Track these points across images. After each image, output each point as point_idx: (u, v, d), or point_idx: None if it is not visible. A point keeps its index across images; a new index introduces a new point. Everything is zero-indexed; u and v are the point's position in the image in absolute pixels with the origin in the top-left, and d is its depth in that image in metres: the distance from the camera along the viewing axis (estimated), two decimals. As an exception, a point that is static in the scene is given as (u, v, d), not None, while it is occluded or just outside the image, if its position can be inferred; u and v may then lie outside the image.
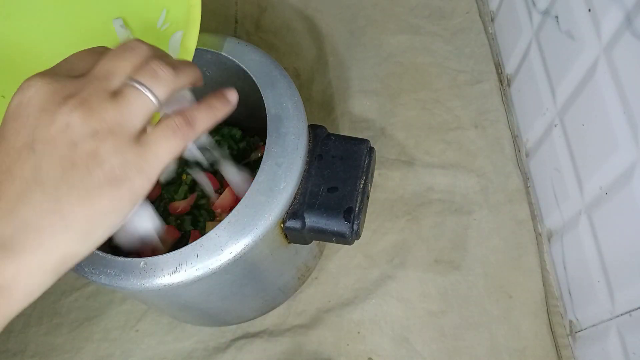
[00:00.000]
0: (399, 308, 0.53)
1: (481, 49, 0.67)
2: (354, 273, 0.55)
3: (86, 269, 0.39)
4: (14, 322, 0.55)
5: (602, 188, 0.44)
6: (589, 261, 0.46)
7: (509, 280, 0.54)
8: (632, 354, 0.41)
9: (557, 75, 0.50)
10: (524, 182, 0.59)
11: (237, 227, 0.38)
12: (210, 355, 0.52)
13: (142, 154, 0.28)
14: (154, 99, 0.28)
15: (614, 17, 0.40)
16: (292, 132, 0.42)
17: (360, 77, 0.66)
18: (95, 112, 0.26)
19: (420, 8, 0.70)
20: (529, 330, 0.52)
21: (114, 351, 0.54)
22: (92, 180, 0.26)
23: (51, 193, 0.26)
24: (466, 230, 0.57)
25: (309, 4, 0.72)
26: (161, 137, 0.28)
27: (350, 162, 0.43)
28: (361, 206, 0.42)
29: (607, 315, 0.44)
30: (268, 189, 0.40)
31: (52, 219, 0.26)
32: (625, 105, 0.39)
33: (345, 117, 0.64)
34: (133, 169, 0.27)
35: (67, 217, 0.26)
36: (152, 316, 0.55)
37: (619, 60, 0.40)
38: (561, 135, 0.50)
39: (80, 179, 0.26)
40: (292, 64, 0.68)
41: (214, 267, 0.38)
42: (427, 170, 0.60)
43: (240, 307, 0.50)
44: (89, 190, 0.26)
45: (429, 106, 0.64)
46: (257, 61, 0.45)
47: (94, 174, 0.26)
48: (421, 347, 0.52)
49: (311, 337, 0.52)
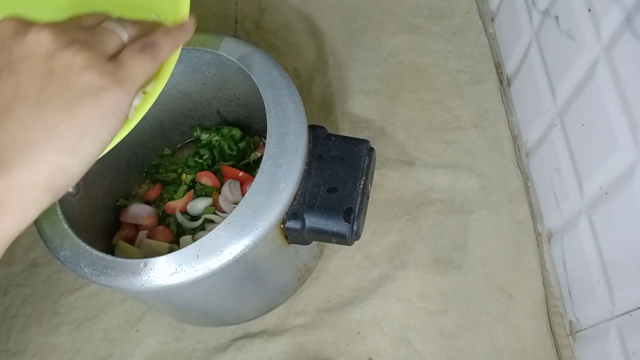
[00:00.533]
0: (399, 308, 0.53)
1: (481, 49, 0.67)
2: (354, 273, 0.55)
3: (86, 270, 0.39)
4: (14, 322, 0.55)
5: (602, 188, 0.44)
6: (589, 261, 0.46)
7: (509, 280, 0.54)
8: (632, 354, 0.41)
9: (557, 75, 0.50)
10: (524, 182, 0.59)
11: (237, 228, 0.38)
12: (210, 355, 0.52)
13: (118, 68, 0.28)
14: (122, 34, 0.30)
15: (614, 17, 0.40)
16: (292, 132, 0.42)
17: (360, 77, 0.66)
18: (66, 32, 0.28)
19: (420, 8, 0.70)
20: (529, 330, 0.52)
21: (114, 351, 0.54)
22: (71, 90, 0.27)
23: (33, 106, 0.27)
24: (466, 230, 0.57)
25: (309, 4, 0.72)
26: (130, 56, 0.29)
27: (350, 162, 0.43)
28: (361, 207, 0.42)
29: (607, 315, 0.44)
30: (268, 190, 0.40)
31: (36, 131, 0.26)
32: (625, 105, 0.39)
33: (345, 117, 0.64)
34: (110, 80, 0.28)
35: (51, 128, 0.27)
36: (152, 316, 0.55)
37: (619, 60, 0.40)
38: (561, 135, 0.50)
39: (60, 89, 0.27)
40: (292, 64, 0.68)
41: (213, 267, 0.38)
42: (427, 170, 0.60)
43: (240, 308, 0.50)
44: (70, 101, 0.27)
45: (429, 106, 0.64)
46: (257, 61, 0.45)
47: (72, 84, 0.27)
48: (421, 347, 0.52)
49: (311, 337, 0.52)
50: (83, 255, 0.39)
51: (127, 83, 0.29)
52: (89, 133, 0.27)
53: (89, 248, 0.39)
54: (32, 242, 0.59)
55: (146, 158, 0.57)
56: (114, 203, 0.54)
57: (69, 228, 0.40)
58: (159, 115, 0.54)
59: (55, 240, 0.40)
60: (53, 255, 0.40)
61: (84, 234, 0.41)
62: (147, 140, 0.56)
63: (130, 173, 0.56)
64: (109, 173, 0.52)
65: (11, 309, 0.56)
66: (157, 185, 0.56)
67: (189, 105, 0.55)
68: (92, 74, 0.27)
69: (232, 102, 0.54)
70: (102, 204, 0.52)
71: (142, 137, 0.55)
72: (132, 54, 0.29)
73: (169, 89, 0.52)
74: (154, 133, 0.56)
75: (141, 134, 0.55)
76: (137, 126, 0.33)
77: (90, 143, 0.28)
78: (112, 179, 0.53)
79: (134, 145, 0.55)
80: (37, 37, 0.27)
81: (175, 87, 0.52)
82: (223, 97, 0.54)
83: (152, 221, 0.53)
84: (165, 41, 0.31)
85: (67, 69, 0.27)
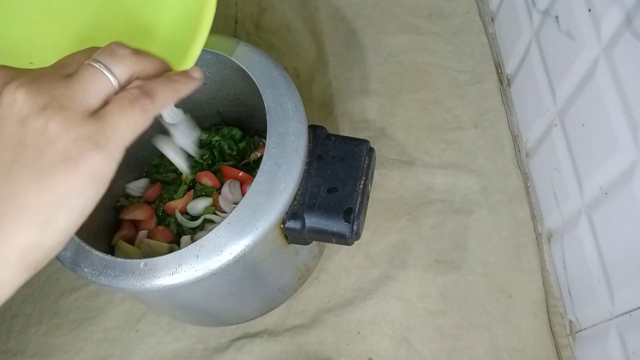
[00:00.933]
0: (399, 308, 0.53)
1: (481, 49, 0.67)
2: (354, 273, 0.55)
3: (86, 270, 0.39)
4: (14, 322, 0.55)
5: (602, 188, 0.44)
6: (589, 261, 0.46)
7: (509, 280, 0.54)
8: (632, 354, 0.41)
9: (557, 75, 0.50)
10: (524, 182, 0.59)
11: (237, 228, 0.38)
12: (210, 355, 0.52)
13: (99, 129, 0.26)
14: (110, 76, 0.27)
15: (614, 17, 0.40)
16: (292, 132, 0.42)
17: (360, 77, 0.66)
18: (43, 89, 0.25)
19: (420, 8, 0.70)
20: (529, 330, 0.52)
21: (114, 351, 0.54)
22: (44, 160, 0.25)
23: (3, 176, 0.25)
24: (466, 230, 0.57)
25: (309, 4, 0.72)
26: (118, 110, 0.26)
27: (350, 162, 0.43)
28: (361, 207, 0.42)
29: (607, 315, 0.44)
30: (268, 190, 0.40)
31: (5, 204, 0.25)
32: (625, 105, 0.39)
33: (345, 117, 0.64)
34: (89, 145, 0.25)
35: (21, 202, 0.25)
36: (152, 316, 0.55)
37: (619, 60, 0.40)
38: (561, 135, 0.50)
39: (32, 159, 0.25)
40: (292, 64, 0.68)
41: (213, 267, 0.38)
42: (427, 170, 0.60)
43: (240, 307, 0.50)
44: (42, 172, 0.25)
45: (429, 106, 0.64)
46: (257, 61, 0.45)
47: (45, 153, 0.25)
48: (421, 347, 0.52)
49: (311, 337, 0.52)
50: (83, 255, 0.39)
51: (109, 146, 0.26)
52: (63, 205, 0.25)
53: (89, 248, 0.39)
54: (32, 242, 0.59)
55: (146, 158, 0.57)
56: (114, 203, 0.54)
57: (69, 228, 0.40)
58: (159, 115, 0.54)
59: (55, 240, 0.40)
60: (53, 255, 0.40)
61: (84, 234, 0.41)
62: (147, 140, 0.56)
63: (130, 173, 0.56)
64: (109, 173, 0.52)
65: (11, 309, 0.56)
66: (157, 185, 0.56)
67: (189, 105, 0.55)
68: (66, 140, 0.25)
69: (232, 102, 0.54)
70: (102, 204, 0.51)
71: (142, 137, 0.55)
72: (120, 107, 0.26)
73: (169, 89, 0.52)
74: (154, 133, 0.56)
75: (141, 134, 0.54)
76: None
77: (65, 215, 0.26)
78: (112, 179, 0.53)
79: (134, 145, 0.54)
80: (13, 97, 0.25)
81: (175, 87, 0.52)
82: (223, 97, 0.54)
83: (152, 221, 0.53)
84: (163, 91, 0.28)
85: (40, 136, 0.24)
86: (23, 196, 0.25)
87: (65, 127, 0.25)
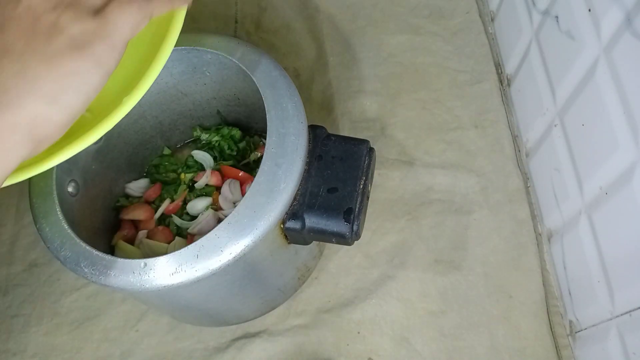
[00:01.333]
0: (399, 308, 0.53)
1: (481, 49, 0.67)
2: (354, 273, 0.55)
3: (86, 270, 0.39)
4: (14, 322, 0.55)
5: (602, 188, 0.44)
6: (589, 261, 0.46)
7: (509, 280, 0.54)
8: (632, 354, 0.41)
9: (557, 75, 0.50)
10: (524, 182, 0.59)
11: (237, 228, 0.38)
12: (210, 355, 0.52)
13: (101, 23, 0.29)
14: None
15: (614, 17, 0.40)
16: (292, 132, 0.42)
17: (360, 77, 0.66)
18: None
19: (420, 8, 0.70)
20: (529, 330, 0.52)
21: (114, 351, 0.54)
22: (53, 45, 0.28)
23: (16, 59, 0.28)
24: (466, 230, 0.57)
25: (309, 4, 0.72)
26: (117, 8, 0.29)
27: (350, 162, 0.43)
28: (361, 207, 0.42)
29: (607, 315, 0.44)
30: (268, 190, 0.40)
31: (17, 80, 0.27)
32: (625, 105, 0.39)
33: (345, 117, 0.64)
34: (93, 36, 0.28)
35: (32, 77, 0.27)
36: (152, 316, 0.55)
37: (619, 60, 0.40)
38: (561, 135, 0.50)
39: (43, 45, 0.28)
40: (292, 64, 0.68)
41: (213, 268, 0.38)
42: (427, 170, 0.60)
43: (240, 307, 0.50)
44: (51, 55, 0.28)
45: (429, 106, 0.64)
46: (257, 61, 0.45)
47: (55, 40, 0.28)
48: (421, 347, 0.52)
49: (311, 337, 0.52)
50: (83, 256, 0.39)
51: (111, 37, 0.29)
52: (71, 84, 0.28)
53: (89, 248, 0.39)
54: (32, 242, 0.59)
55: (146, 158, 0.57)
56: (114, 203, 0.54)
57: (69, 228, 0.40)
58: (159, 115, 0.54)
59: (55, 241, 0.40)
60: (53, 256, 0.40)
61: (84, 234, 0.41)
62: (147, 140, 0.56)
63: (130, 173, 0.56)
64: (109, 173, 0.52)
65: (11, 309, 0.56)
66: (157, 185, 0.56)
67: (189, 105, 0.55)
68: (74, 30, 0.28)
69: (232, 102, 0.54)
70: (102, 204, 0.52)
71: (142, 137, 0.55)
72: (119, 5, 0.30)
73: (169, 88, 0.52)
74: (153, 133, 0.56)
75: (141, 134, 0.55)
76: (137, 126, 0.32)
77: (72, 94, 0.28)
78: (112, 179, 0.53)
79: (134, 145, 0.55)
80: (29, 2, 0.29)
81: (175, 87, 0.52)
82: (223, 97, 0.54)
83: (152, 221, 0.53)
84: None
85: (52, 27, 0.28)
86: (33, 73, 0.28)
87: (72, 20, 0.28)
